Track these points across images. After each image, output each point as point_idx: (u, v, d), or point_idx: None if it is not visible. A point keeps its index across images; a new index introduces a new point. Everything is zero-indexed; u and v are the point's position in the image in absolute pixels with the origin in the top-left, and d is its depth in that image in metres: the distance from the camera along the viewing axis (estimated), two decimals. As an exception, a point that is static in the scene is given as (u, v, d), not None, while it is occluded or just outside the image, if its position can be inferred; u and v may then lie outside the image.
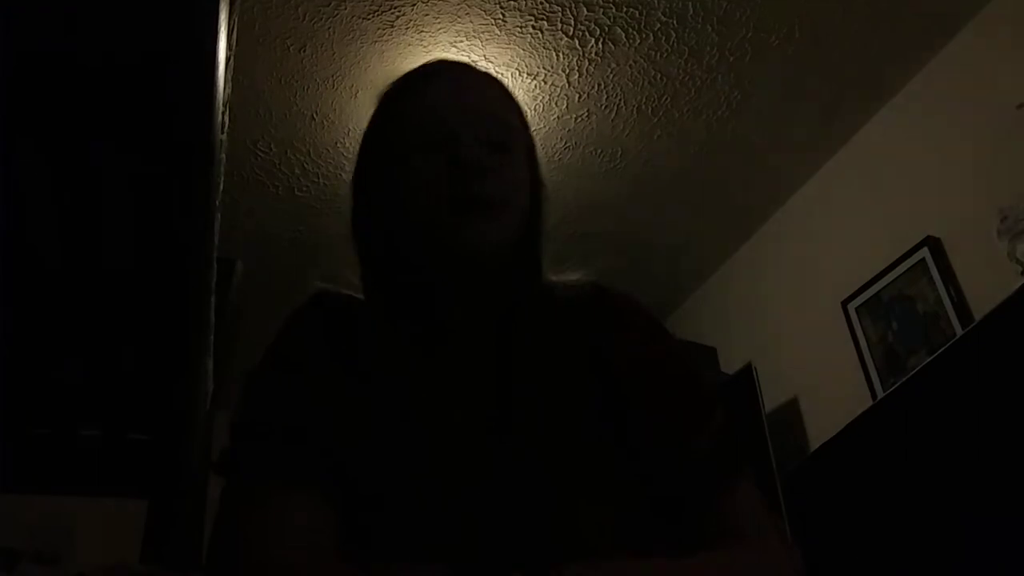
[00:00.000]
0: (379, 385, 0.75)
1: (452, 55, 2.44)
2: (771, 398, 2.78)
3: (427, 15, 2.34)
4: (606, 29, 2.42)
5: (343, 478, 0.70)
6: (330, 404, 0.73)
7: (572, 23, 2.40)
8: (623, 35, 2.44)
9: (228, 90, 0.97)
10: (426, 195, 0.78)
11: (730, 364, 2.99)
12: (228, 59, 0.91)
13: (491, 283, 0.82)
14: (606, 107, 2.66)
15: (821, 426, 2.63)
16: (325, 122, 2.70)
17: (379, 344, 0.78)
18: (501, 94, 0.87)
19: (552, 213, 0.88)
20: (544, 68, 2.53)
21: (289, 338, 0.81)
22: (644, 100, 2.67)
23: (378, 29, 2.38)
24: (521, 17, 2.36)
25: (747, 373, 2.79)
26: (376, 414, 0.73)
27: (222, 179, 0.97)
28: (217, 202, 0.96)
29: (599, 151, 2.83)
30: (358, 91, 2.59)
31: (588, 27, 2.41)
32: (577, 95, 2.62)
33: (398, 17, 2.35)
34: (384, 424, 0.73)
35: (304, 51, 2.44)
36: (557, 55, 2.48)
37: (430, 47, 2.43)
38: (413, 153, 0.80)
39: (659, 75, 2.59)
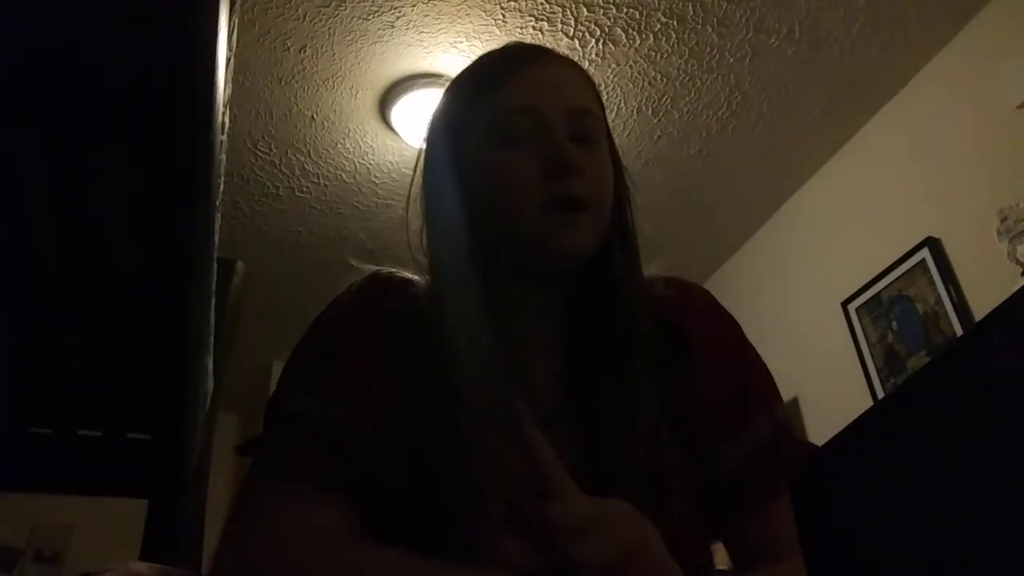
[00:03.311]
0: (432, 380, 0.72)
1: (453, 56, 2.44)
2: (771, 398, 2.78)
3: (427, 15, 2.34)
4: (606, 30, 2.42)
5: (378, 484, 0.68)
6: (374, 405, 0.71)
7: (572, 24, 2.40)
8: (623, 36, 2.45)
9: (228, 90, 0.97)
10: (519, 196, 0.75)
11: (730, 364, 2.99)
12: (228, 59, 0.91)
13: (570, 284, 0.80)
14: (606, 107, 2.65)
15: (821, 426, 2.63)
16: (325, 122, 2.70)
17: (437, 336, 0.73)
18: (582, 80, 0.85)
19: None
20: (544, 68, 2.54)
21: (338, 324, 0.77)
22: (644, 101, 2.67)
23: (378, 29, 2.38)
24: (521, 18, 2.36)
25: (747, 373, 2.79)
26: (426, 413, 0.71)
27: (222, 179, 0.97)
28: (217, 202, 0.95)
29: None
30: (358, 91, 2.59)
31: (588, 28, 2.41)
32: (577, 95, 2.62)
33: (398, 17, 2.35)
34: (434, 425, 0.70)
35: (304, 51, 2.44)
36: (557, 55, 2.48)
37: (430, 47, 2.43)
38: (503, 149, 0.76)
39: (659, 76, 2.59)
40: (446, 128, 0.84)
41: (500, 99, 0.79)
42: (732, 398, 0.77)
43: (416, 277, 0.82)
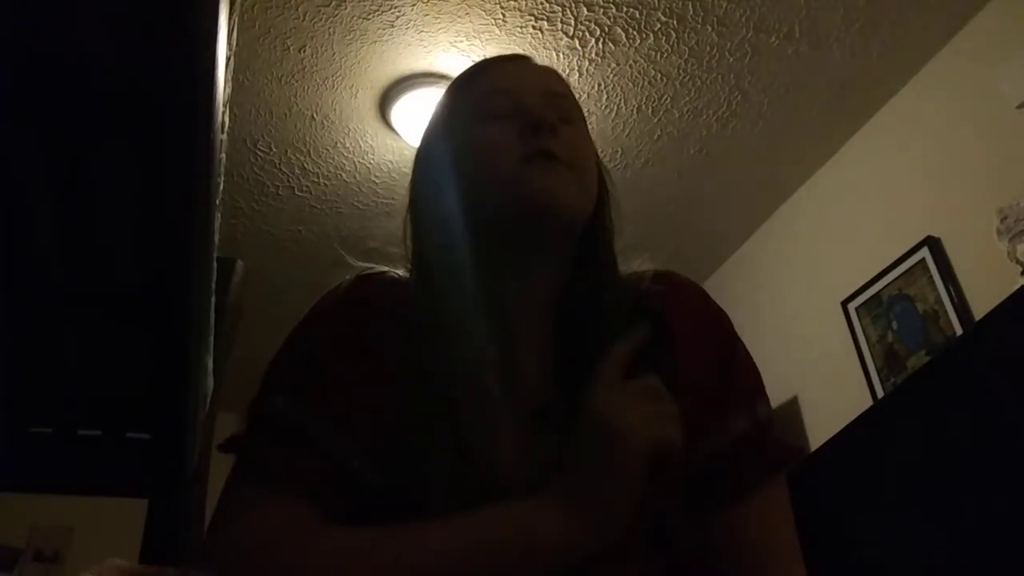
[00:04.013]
0: (422, 379, 0.71)
1: (453, 55, 2.44)
2: (771, 398, 2.76)
3: (427, 15, 2.34)
4: (606, 29, 2.42)
5: (361, 490, 0.68)
6: (359, 411, 0.70)
7: (572, 23, 2.40)
8: (623, 35, 2.45)
9: (228, 90, 0.97)
10: (497, 156, 0.78)
11: (730, 364, 2.99)
12: (228, 59, 0.91)
13: (555, 254, 0.80)
14: (606, 107, 2.66)
15: (821, 426, 2.63)
16: (325, 122, 2.70)
17: (426, 334, 0.74)
18: (558, 76, 0.92)
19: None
20: (544, 68, 2.54)
21: (324, 326, 0.77)
22: (644, 100, 2.67)
23: (378, 29, 2.38)
24: (521, 17, 2.36)
25: (747, 373, 2.79)
26: (415, 413, 0.70)
27: (222, 179, 0.97)
28: (217, 202, 0.95)
29: (599, 151, 2.84)
30: (358, 91, 2.59)
31: (588, 27, 2.41)
32: (577, 95, 2.61)
33: (398, 17, 2.35)
34: (417, 426, 0.69)
35: (304, 51, 2.44)
36: (557, 55, 2.48)
37: (430, 47, 2.43)
38: (483, 124, 0.80)
39: (659, 75, 2.59)
40: (434, 124, 0.89)
41: (479, 85, 0.85)
42: (712, 393, 0.77)
43: (406, 274, 0.82)
